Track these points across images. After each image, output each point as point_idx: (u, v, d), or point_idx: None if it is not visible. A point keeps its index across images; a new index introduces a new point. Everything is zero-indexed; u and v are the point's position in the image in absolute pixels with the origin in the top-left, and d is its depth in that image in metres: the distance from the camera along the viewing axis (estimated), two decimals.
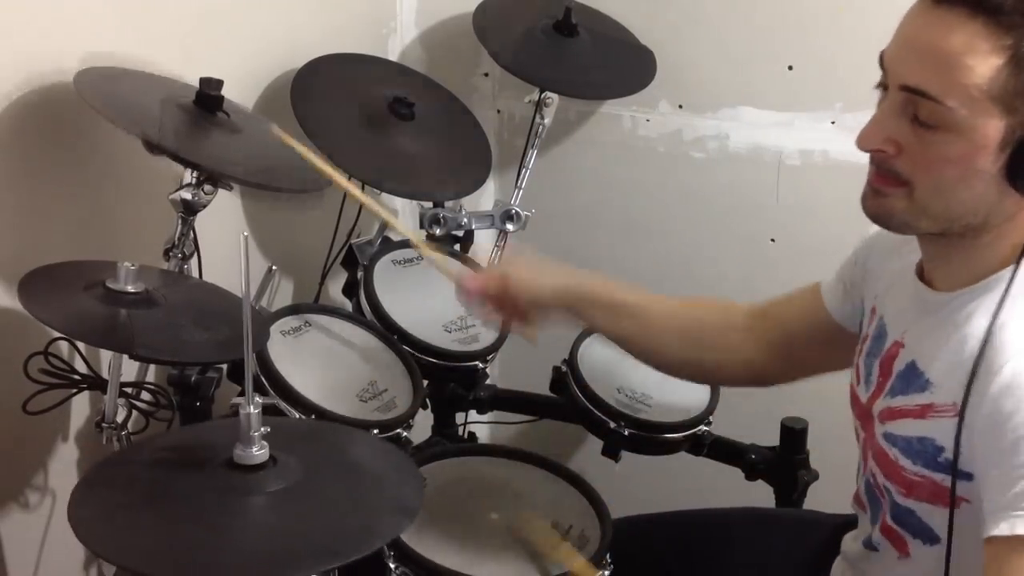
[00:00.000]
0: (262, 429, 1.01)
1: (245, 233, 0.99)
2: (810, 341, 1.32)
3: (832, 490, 1.51)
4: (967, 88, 0.95)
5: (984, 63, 0.94)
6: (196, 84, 1.44)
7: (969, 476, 1.01)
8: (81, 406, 1.56)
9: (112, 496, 1.02)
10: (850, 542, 1.27)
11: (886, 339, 1.16)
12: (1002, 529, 0.93)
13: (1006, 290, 1.00)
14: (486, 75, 2.24)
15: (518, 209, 1.94)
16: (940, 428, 1.03)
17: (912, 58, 0.99)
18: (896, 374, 1.12)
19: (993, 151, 0.97)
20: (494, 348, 1.74)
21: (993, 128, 0.96)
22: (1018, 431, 0.94)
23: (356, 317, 1.66)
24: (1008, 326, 0.99)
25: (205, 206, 1.42)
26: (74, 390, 1.41)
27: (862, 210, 1.07)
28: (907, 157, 1.01)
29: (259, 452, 1.01)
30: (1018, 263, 1.01)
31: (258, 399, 1.02)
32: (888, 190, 1.03)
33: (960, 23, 0.94)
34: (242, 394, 1.03)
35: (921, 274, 1.13)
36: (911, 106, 0.99)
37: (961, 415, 0.99)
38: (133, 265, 1.23)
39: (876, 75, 1.04)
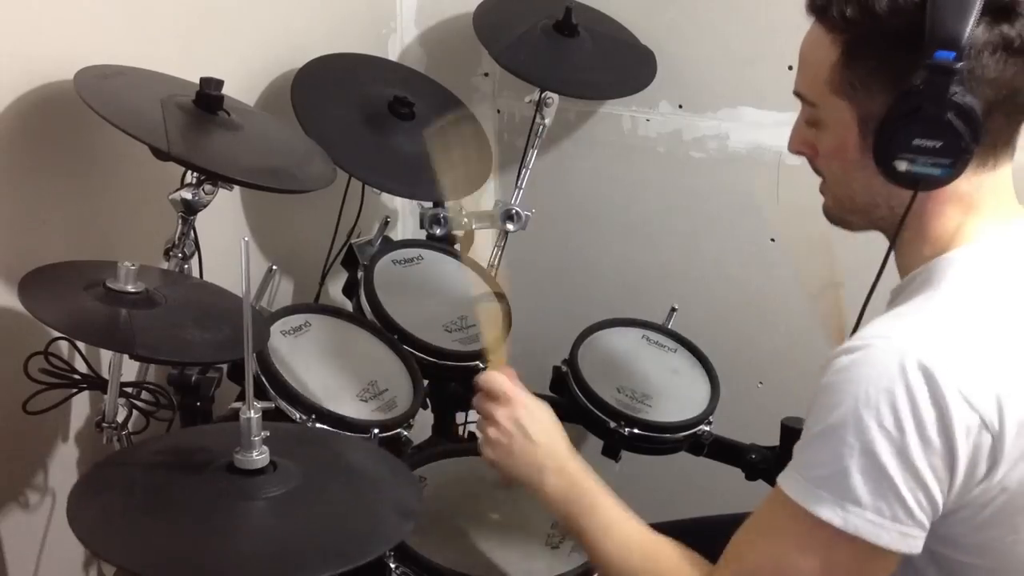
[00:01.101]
0: (262, 433, 1.01)
1: (246, 238, 0.99)
2: None
3: None
4: (819, 83, 1.05)
5: (825, 58, 1.04)
6: (196, 83, 1.44)
7: None
8: (81, 406, 1.56)
9: (112, 498, 1.02)
10: None
11: None
12: (779, 476, 1.02)
13: (874, 283, 1.03)
14: (486, 75, 2.24)
15: (518, 209, 1.94)
16: None
17: (797, 68, 1.10)
18: None
19: (854, 141, 1.04)
20: None
21: (847, 118, 1.04)
22: (813, 410, 1.00)
23: (356, 317, 1.66)
24: (872, 321, 1.01)
25: (205, 206, 1.42)
26: (74, 390, 1.41)
27: None
28: (819, 157, 1.11)
29: (259, 457, 1.01)
30: (888, 254, 1.05)
31: (258, 404, 1.02)
32: (823, 189, 1.14)
33: (812, 29, 1.07)
34: (242, 396, 1.02)
35: None
36: (804, 110, 1.11)
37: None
38: (133, 265, 1.23)
39: None
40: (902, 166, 0.99)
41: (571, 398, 1.67)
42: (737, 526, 1.06)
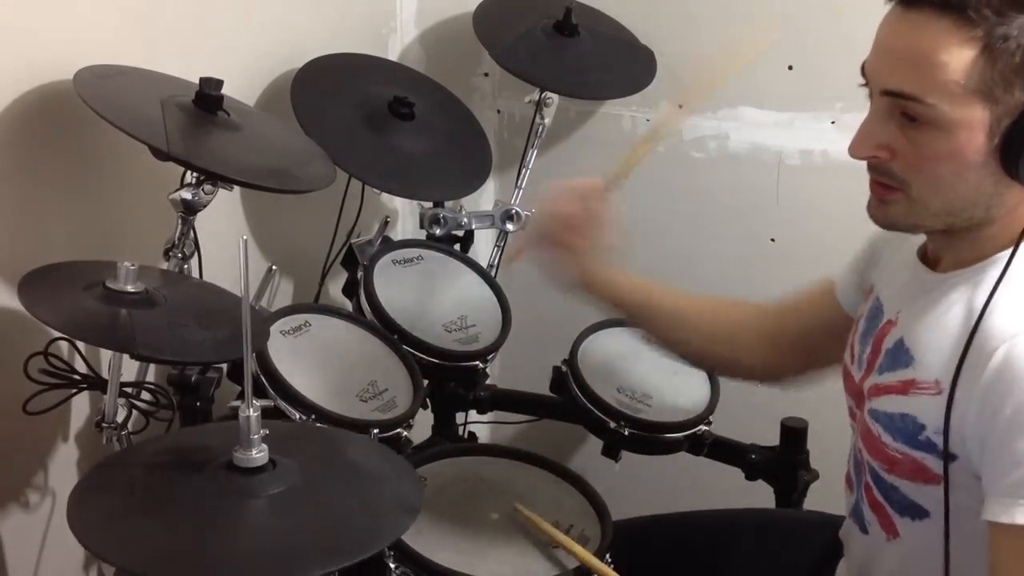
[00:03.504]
0: (262, 432, 1.01)
1: (244, 237, 0.99)
2: (828, 337, 1.31)
3: (832, 490, 1.51)
4: (945, 84, 0.96)
5: (958, 57, 0.95)
6: (196, 83, 1.44)
7: (954, 457, 1.02)
8: (81, 406, 1.56)
9: (112, 498, 1.02)
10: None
11: (881, 318, 1.17)
12: (1001, 516, 0.96)
13: (1003, 272, 1.00)
14: (486, 75, 2.24)
15: (518, 209, 1.94)
16: (921, 405, 1.04)
17: (889, 63, 1.00)
18: (884, 351, 1.13)
19: (982, 142, 0.98)
20: (494, 348, 1.74)
21: (978, 120, 0.97)
22: (1015, 418, 0.95)
23: (356, 317, 1.66)
24: (997, 310, 0.99)
25: (205, 206, 1.42)
26: (74, 390, 1.41)
27: (869, 218, 1.08)
28: (900, 160, 1.02)
29: (259, 455, 1.01)
30: (1016, 248, 1.01)
31: (257, 402, 1.02)
32: (888, 198, 1.05)
33: (929, 22, 0.96)
34: (242, 395, 1.02)
35: (924, 257, 1.14)
36: (896, 109, 1.00)
37: (950, 398, 1.00)
38: (133, 265, 1.23)
39: None
40: None
41: (571, 398, 1.67)
42: (735, 520, 1.05)
